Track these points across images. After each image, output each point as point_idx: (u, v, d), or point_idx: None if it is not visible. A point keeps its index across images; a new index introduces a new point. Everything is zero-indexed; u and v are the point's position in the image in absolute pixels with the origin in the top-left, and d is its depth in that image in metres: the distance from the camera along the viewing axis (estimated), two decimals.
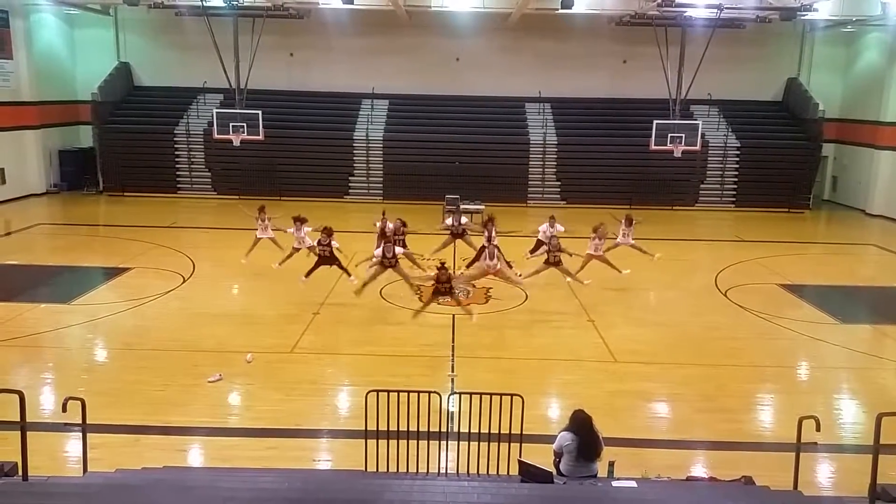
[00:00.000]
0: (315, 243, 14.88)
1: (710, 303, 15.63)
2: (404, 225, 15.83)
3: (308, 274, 14.78)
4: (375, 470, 7.37)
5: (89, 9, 27.65)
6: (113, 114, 28.41)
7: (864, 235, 24.19)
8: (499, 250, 14.28)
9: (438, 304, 13.76)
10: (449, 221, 16.81)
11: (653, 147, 23.55)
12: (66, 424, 7.91)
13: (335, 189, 28.02)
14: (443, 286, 12.97)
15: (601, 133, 28.34)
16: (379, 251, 14.00)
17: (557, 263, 14.53)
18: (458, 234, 16.26)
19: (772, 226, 24.92)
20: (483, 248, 14.74)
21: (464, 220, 16.57)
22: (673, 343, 12.95)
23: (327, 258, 14.57)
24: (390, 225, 16.24)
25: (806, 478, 7.65)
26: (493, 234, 14.69)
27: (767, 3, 22.42)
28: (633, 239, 16.60)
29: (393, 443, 7.32)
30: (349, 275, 14.86)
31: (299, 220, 15.61)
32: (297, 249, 15.64)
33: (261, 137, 23.72)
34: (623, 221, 16.72)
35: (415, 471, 7.39)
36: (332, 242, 14.51)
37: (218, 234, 22.27)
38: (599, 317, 14.27)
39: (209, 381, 10.66)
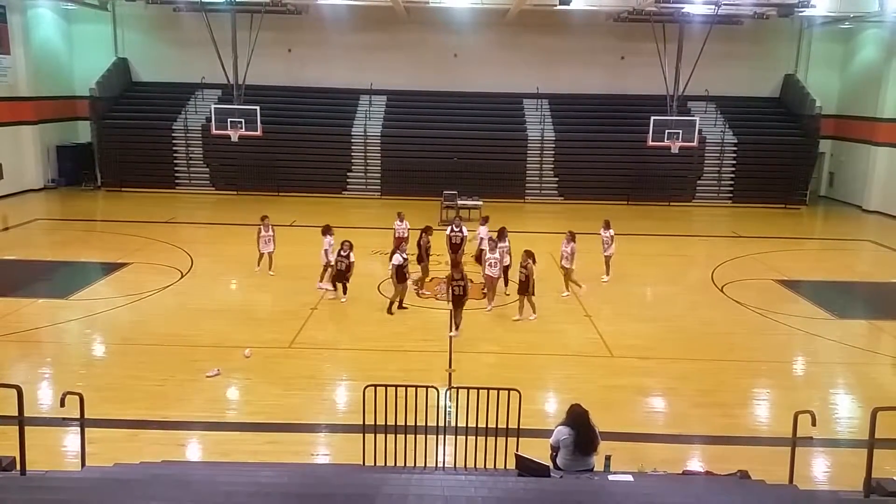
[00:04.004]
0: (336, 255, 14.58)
1: (707, 298, 15.68)
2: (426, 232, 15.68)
3: (334, 285, 14.69)
4: (374, 464, 7.40)
5: (87, 4, 27.60)
6: (111, 109, 28.37)
7: (861, 231, 24.24)
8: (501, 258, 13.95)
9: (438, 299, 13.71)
10: (448, 231, 16.31)
11: (650, 143, 23.58)
12: (64, 419, 7.90)
13: (333, 184, 28.04)
14: (455, 284, 12.71)
15: (599, 129, 28.36)
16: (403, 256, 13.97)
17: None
18: (457, 244, 16.01)
19: (768, 222, 24.98)
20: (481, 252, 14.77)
21: (465, 231, 16.07)
22: (669, 338, 13.00)
23: (341, 272, 14.52)
24: (406, 223, 16.11)
25: (801, 472, 7.71)
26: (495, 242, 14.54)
27: (765, 0, 22.42)
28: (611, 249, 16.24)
29: (391, 437, 7.34)
30: (344, 293, 14.68)
31: (328, 233, 15.25)
32: (328, 265, 15.13)
33: (259, 133, 23.68)
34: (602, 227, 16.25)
35: (413, 465, 7.43)
36: (350, 255, 14.39)
37: (216, 229, 22.29)
38: (596, 312, 14.31)
39: (207, 376, 10.68)
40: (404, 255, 13.83)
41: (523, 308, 13.71)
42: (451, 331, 12.84)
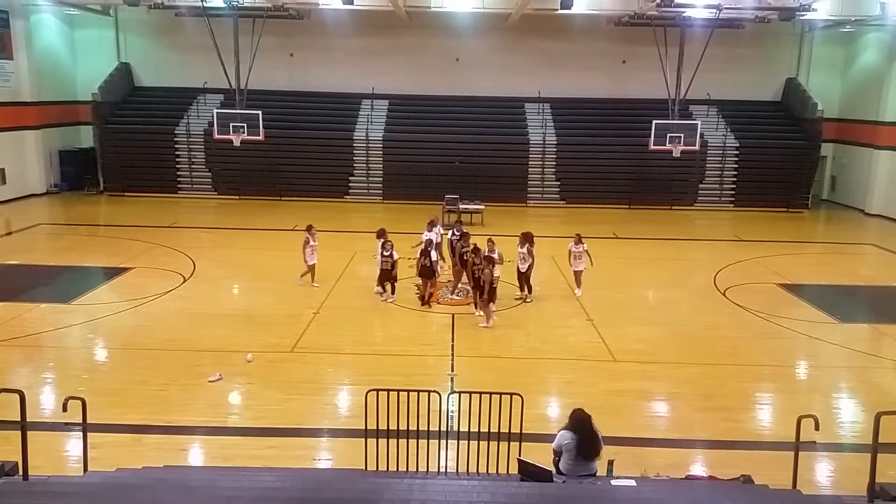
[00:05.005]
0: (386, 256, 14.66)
1: (709, 302, 15.66)
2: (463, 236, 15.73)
3: (384, 290, 14.81)
4: (376, 469, 7.39)
5: (89, 9, 27.66)
6: (113, 114, 28.44)
7: (863, 235, 24.22)
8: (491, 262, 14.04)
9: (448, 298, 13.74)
10: (449, 234, 16.30)
11: (652, 147, 23.57)
12: (66, 424, 7.93)
13: (335, 189, 28.05)
14: (477, 268, 13.64)
15: (600, 133, 28.36)
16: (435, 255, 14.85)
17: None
18: (457, 234, 16.05)
19: (770, 225, 24.95)
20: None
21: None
22: (672, 342, 12.98)
23: (387, 272, 14.61)
24: (439, 229, 16.12)
25: (805, 476, 7.68)
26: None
27: (766, 3, 22.43)
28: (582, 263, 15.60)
29: (393, 442, 7.34)
30: (392, 293, 14.83)
31: (382, 236, 14.93)
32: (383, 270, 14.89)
33: (261, 138, 23.74)
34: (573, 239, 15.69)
35: (415, 470, 7.41)
36: (393, 254, 14.50)
37: (218, 234, 22.30)
38: (598, 316, 14.29)
39: (209, 381, 10.68)
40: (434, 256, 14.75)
41: (481, 315, 13.70)
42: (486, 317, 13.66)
